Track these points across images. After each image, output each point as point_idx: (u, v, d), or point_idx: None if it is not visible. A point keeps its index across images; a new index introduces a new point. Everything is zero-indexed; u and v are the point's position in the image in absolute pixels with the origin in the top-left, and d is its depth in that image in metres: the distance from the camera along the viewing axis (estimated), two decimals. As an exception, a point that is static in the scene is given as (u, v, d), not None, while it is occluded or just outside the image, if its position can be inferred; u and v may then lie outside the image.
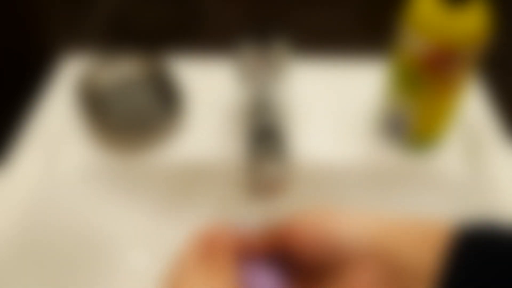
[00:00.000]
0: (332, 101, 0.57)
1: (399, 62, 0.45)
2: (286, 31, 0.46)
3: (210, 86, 0.58)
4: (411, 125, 0.48)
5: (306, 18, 0.57)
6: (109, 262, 0.53)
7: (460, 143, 0.52)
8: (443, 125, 0.50)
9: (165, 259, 0.55)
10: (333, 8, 0.56)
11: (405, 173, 0.51)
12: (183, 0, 0.56)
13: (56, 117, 0.54)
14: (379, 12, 0.56)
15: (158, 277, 0.53)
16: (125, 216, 0.55)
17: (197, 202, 0.55)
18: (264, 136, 0.43)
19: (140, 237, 0.55)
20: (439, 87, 0.44)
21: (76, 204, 0.51)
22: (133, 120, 0.52)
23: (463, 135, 0.53)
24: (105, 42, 0.60)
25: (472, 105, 0.55)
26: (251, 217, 0.55)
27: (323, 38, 0.59)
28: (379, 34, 0.58)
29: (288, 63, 0.47)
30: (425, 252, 0.27)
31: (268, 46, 0.44)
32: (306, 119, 0.55)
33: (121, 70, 0.56)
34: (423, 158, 0.51)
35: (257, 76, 0.47)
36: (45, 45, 0.61)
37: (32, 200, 0.46)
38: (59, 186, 0.49)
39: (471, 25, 0.40)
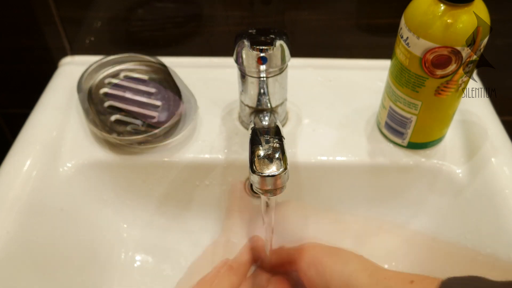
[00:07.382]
0: (333, 101, 0.57)
1: (399, 62, 0.45)
2: (286, 30, 0.46)
3: (210, 86, 0.58)
4: (411, 125, 0.48)
5: (306, 18, 0.57)
6: (109, 263, 0.53)
7: (461, 143, 0.52)
8: (443, 125, 0.50)
9: (165, 261, 0.55)
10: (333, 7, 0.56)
11: (406, 173, 0.51)
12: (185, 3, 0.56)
13: (56, 116, 0.54)
14: (379, 12, 0.57)
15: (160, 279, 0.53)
16: (125, 217, 0.55)
17: (199, 203, 0.55)
18: (265, 135, 0.43)
19: (141, 239, 0.55)
20: (439, 87, 0.44)
21: (74, 204, 0.50)
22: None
23: (463, 135, 0.53)
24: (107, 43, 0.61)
25: (473, 105, 0.55)
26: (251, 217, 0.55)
27: (323, 37, 0.59)
28: (378, 34, 0.59)
29: (288, 62, 0.47)
30: None
31: (269, 45, 0.44)
32: (306, 118, 0.55)
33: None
34: (423, 158, 0.51)
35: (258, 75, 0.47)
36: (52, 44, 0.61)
37: (29, 198, 0.46)
38: (57, 185, 0.49)
39: (471, 25, 0.40)
